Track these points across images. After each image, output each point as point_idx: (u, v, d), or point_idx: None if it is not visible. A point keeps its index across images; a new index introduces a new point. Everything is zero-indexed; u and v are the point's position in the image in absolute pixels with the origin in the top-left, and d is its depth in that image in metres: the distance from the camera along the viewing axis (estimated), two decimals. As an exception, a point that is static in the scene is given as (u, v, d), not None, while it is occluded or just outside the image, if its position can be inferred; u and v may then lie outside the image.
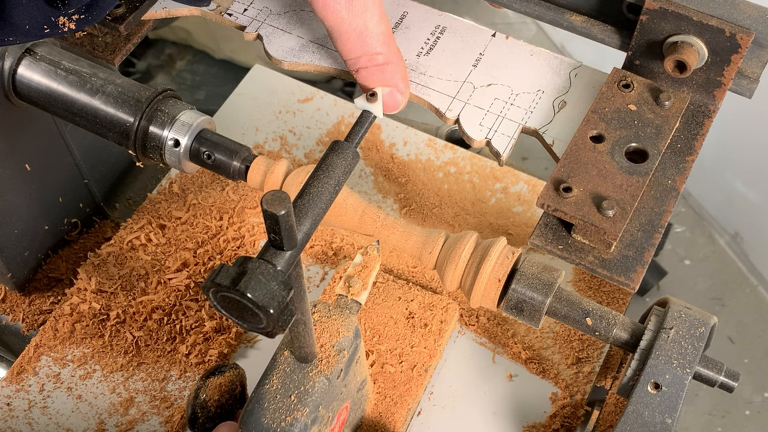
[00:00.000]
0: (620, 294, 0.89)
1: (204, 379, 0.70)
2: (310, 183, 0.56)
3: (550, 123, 0.64)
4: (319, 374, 0.65)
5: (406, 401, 0.79)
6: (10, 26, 0.55)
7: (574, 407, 0.81)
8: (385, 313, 0.84)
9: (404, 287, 0.85)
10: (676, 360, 0.64)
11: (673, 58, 0.62)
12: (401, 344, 0.82)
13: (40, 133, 0.83)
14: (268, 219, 0.47)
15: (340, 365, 0.67)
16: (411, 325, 0.83)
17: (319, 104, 1.03)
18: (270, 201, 0.46)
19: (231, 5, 0.70)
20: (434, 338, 0.82)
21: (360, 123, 0.62)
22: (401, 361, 0.81)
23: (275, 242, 0.49)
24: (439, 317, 0.84)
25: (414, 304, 0.84)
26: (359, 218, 0.70)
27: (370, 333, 0.83)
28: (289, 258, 0.50)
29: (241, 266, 0.48)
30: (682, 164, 0.62)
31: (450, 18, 0.70)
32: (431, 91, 0.66)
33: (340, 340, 0.67)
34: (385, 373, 0.81)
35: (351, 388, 0.72)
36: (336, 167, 0.57)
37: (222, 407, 0.70)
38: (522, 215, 0.95)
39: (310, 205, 0.54)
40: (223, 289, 0.48)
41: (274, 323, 0.48)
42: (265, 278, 0.48)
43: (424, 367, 0.81)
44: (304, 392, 0.65)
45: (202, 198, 0.93)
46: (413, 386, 0.80)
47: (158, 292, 0.87)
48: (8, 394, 0.82)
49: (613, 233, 0.56)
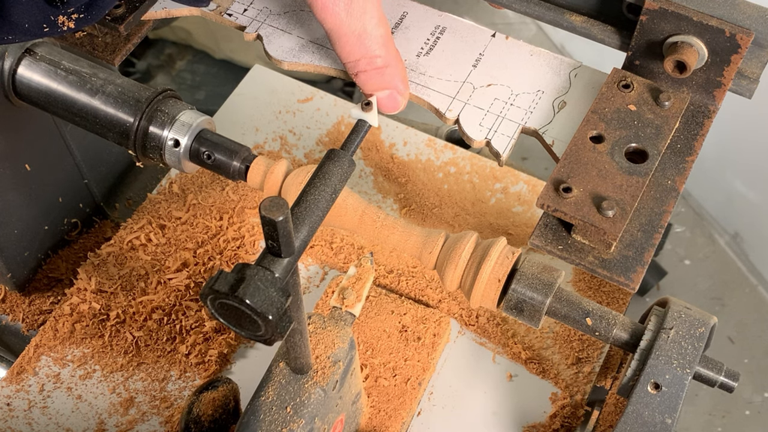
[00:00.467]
0: (620, 294, 0.89)
1: (197, 393, 0.70)
2: (307, 191, 0.56)
3: (550, 123, 0.64)
4: (315, 385, 0.65)
5: (400, 415, 0.79)
6: (10, 24, 0.55)
7: (574, 407, 0.81)
8: (378, 326, 0.84)
9: (397, 301, 0.86)
10: (676, 360, 0.64)
11: (673, 58, 0.62)
12: (395, 358, 0.82)
13: (40, 133, 0.83)
14: (266, 225, 0.47)
15: (335, 376, 0.67)
16: (404, 339, 0.83)
17: (319, 104, 1.03)
18: (268, 207, 0.46)
19: (231, 5, 0.70)
20: (427, 351, 0.82)
21: (355, 132, 0.62)
22: (395, 375, 0.81)
23: (273, 249, 0.49)
24: (432, 330, 0.84)
25: (407, 317, 0.84)
26: (359, 218, 0.70)
27: (363, 347, 0.83)
28: (286, 265, 0.50)
29: (239, 273, 0.48)
30: (682, 164, 0.62)
31: (450, 18, 0.70)
32: (431, 91, 0.66)
33: (336, 351, 0.67)
34: (378, 387, 0.80)
35: (346, 401, 0.72)
36: (332, 175, 0.57)
37: (215, 422, 0.70)
38: (522, 215, 0.95)
39: (307, 213, 0.54)
40: (221, 296, 0.48)
41: (272, 330, 0.48)
42: (264, 285, 0.48)
43: (417, 380, 0.81)
44: (299, 404, 0.64)
45: (202, 198, 0.93)
46: (407, 400, 0.80)
47: (158, 292, 0.87)
48: (8, 394, 0.82)
49: (613, 233, 0.56)
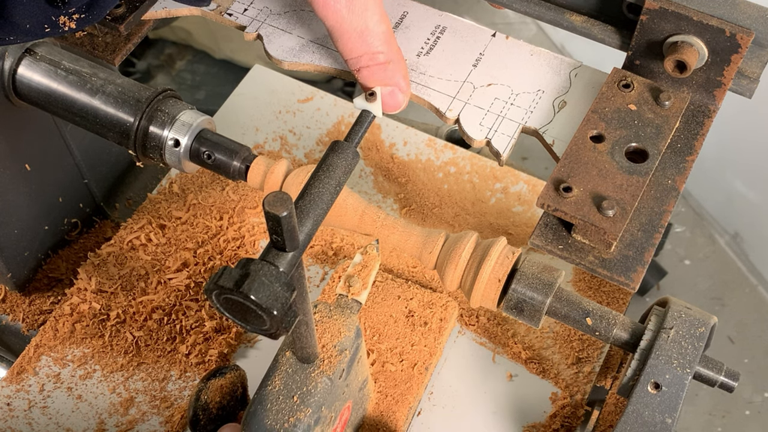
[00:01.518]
0: (620, 294, 0.89)
1: (205, 380, 0.70)
2: (311, 184, 0.56)
3: (550, 123, 0.64)
4: (322, 374, 0.65)
5: (407, 400, 0.79)
6: (11, 25, 0.55)
7: (574, 407, 0.81)
8: (385, 312, 0.84)
9: (403, 286, 0.85)
10: (676, 360, 0.64)
11: (673, 58, 0.62)
12: (401, 343, 0.82)
13: (40, 133, 0.83)
14: (270, 220, 0.47)
15: (342, 365, 0.67)
16: (411, 324, 0.83)
17: (319, 104, 1.03)
18: (272, 202, 0.46)
19: (231, 5, 0.70)
20: (434, 336, 0.82)
21: (359, 123, 0.61)
22: (402, 360, 0.81)
23: (277, 243, 0.49)
24: (438, 315, 0.84)
25: (413, 302, 0.84)
26: (359, 218, 0.70)
27: (370, 332, 0.83)
28: (291, 259, 0.50)
29: (243, 268, 0.48)
30: (682, 164, 0.62)
31: (450, 18, 0.70)
32: (431, 91, 0.66)
33: (342, 340, 0.67)
34: (385, 372, 0.81)
35: (353, 388, 0.72)
36: (336, 167, 0.57)
37: (223, 409, 0.70)
38: (522, 215, 0.95)
39: (311, 205, 0.54)
40: (226, 291, 0.48)
41: (277, 325, 0.48)
42: (269, 280, 0.48)
43: (424, 365, 0.81)
44: (306, 393, 0.65)
45: (202, 198, 0.93)
46: (414, 385, 0.80)
47: (158, 292, 0.87)
48: (8, 394, 0.82)
49: (613, 233, 0.56)
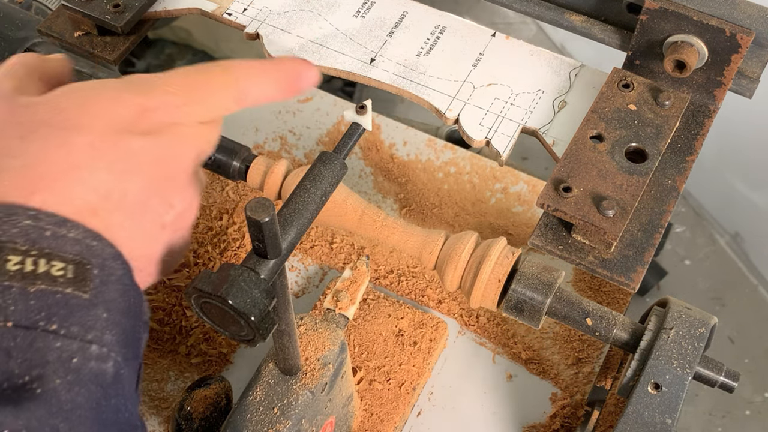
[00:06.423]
0: (620, 294, 0.89)
1: (189, 390, 0.70)
2: (296, 193, 0.55)
3: (550, 123, 0.64)
4: (303, 387, 0.65)
5: (392, 419, 0.79)
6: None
7: (574, 407, 0.81)
8: (375, 330, 0.84)
9: (395, 305, 0.85)
10: (676, 360, 0.64)
11: (673, 57, 0.62)
12: (390, 362, 0.82)
13: (40, 133, 0.83)
14: (251, 226, 0.46)
15: (324, 379, 0.66)
16: (400, 343, 0.83)
17: (319, 104, 1.03)
18: (254, 208, 0.45)
19: (231, 5, 0.70)
20: (423, 357, 0.82)
21: (349, 135, 0.61)
22: (389, 379, 0.81)
23: (259, 250, 0.49)
24: (428, 336, 0.83)
25: (404, 321, 0.84)
26: (359, 218, 0.70)
27: (358, 349, 0.82)
28: (272, 267, 0.49)
29: (223, 273, 0.48)
30: (682, 164, 0.62)
31: (450, 18, 0.70)
32: (431, 90, 0.66)
33: (326, 354, 0.67)
34: (372, 390, 0.80)
35: (336, 403, 0.71)
36: (323, 178, 0.57)
37: (206, 420, 0.70)
38: (522, 215, 0.95)
39: (295, 214, 0.54)
40: (204, 295, 0.47)
41: (254, 331, 0.48)
42: (248, 285, 0.47)
43: (412, 385, 0.81)
44: (287, 405, 0.64)
45: (202, 198, 0.93)
46: (400, 404, 0.80)
47: (158, 292, 0.87)
48: (8, 394, 0.82)
49: (613, 233, 0.56)
